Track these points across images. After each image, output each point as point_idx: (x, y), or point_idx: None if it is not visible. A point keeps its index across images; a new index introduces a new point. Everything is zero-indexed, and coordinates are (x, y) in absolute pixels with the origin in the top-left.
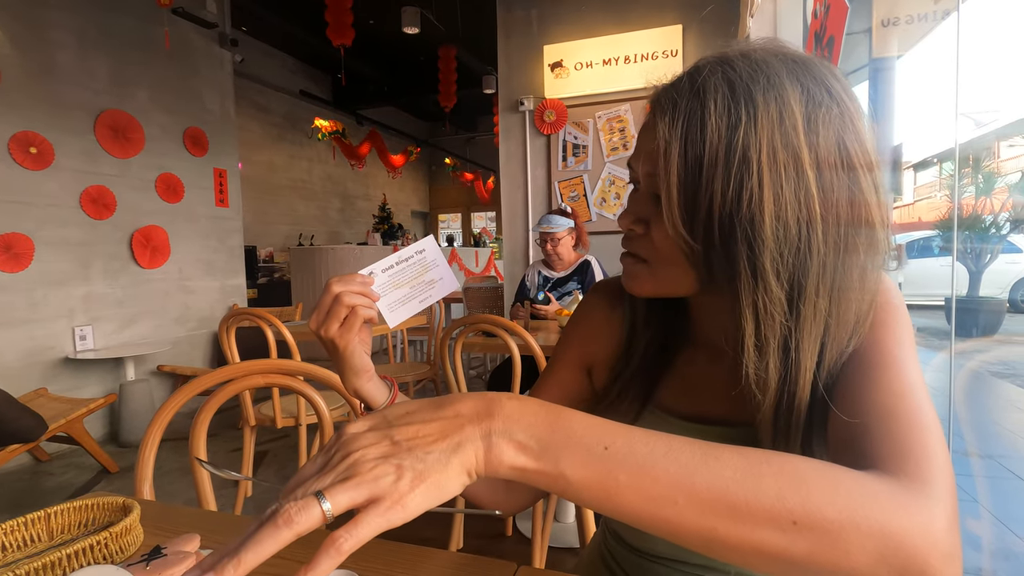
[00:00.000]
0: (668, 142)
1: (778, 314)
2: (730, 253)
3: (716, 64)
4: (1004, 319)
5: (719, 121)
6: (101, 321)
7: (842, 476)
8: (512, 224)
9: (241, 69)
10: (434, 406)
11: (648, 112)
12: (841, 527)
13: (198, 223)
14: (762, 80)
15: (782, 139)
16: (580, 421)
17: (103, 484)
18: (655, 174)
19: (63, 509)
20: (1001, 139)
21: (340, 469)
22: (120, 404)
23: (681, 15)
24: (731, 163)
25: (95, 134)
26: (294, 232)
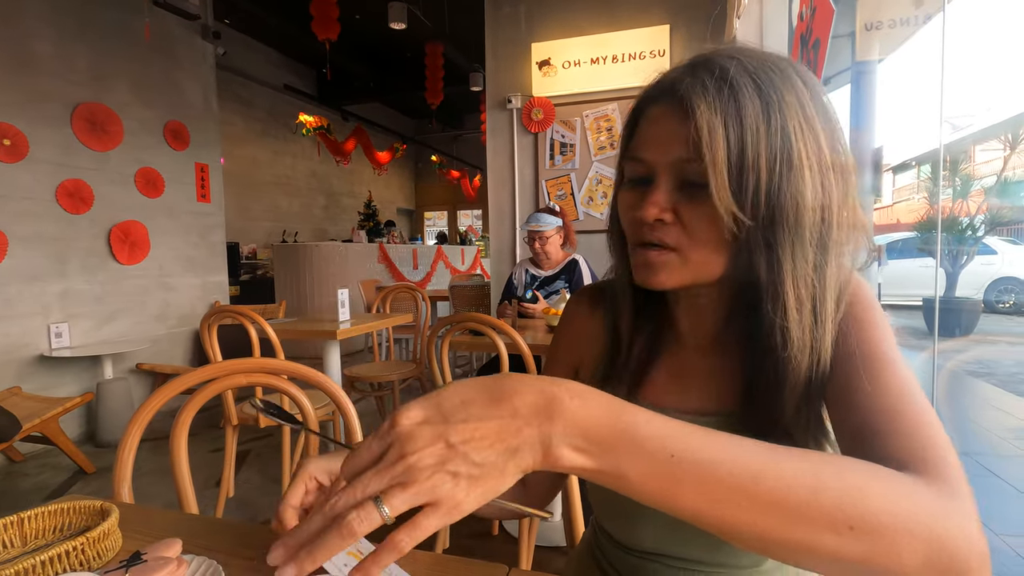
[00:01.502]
0: (711, 124)
1: (811, 274)
2: (776, 221)
3: (727, 56)
4: (980, 319)
5: (753, 102)
6: (78, 318)
7: (894, 481)
8: (499, 222)
9: (224, 62)
10: (490, 399)
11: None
12: (896, 532)
13: (179, 219)
14: (773, 71)
15: (805, 119)
16: (644, 423)
17: (79, 485)
18: (689, 159)
19: (38, 513)
20: (977, 143)
21: (397, 472)
22: (97, 403)
23: (668, 15)
24: (773, 140)
25: (72, 126)
26: (277, 229)
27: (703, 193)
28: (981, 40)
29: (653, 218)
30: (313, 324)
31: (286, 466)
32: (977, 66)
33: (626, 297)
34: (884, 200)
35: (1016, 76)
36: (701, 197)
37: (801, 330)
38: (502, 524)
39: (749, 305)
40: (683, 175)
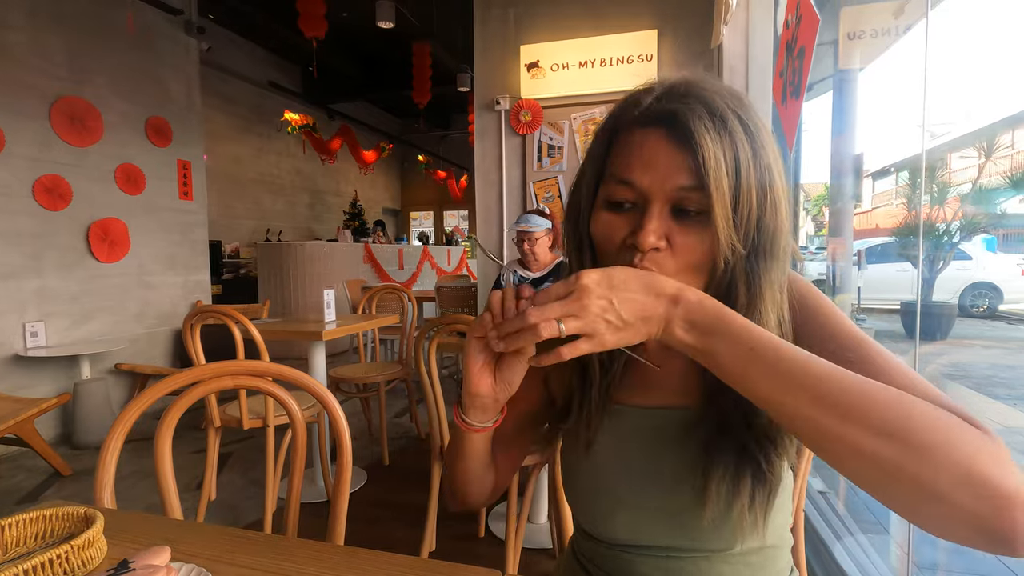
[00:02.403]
0: (716, 156)
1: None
2: (759, 249)
3: (711, 91)
4: (955, 323)
5: (743, 138)
6: (54, 317)
7: (940, 412)
8: (486, 223)
9: (207, 58)
10: (643, 285)
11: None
12: (931, 450)
13: (160, 216)
14: (749, 109)
15: (775, 155)
16: (737, 322)
17: (55, 488)
18: (693, 188)
19: (18, 520)
20: (953, 151)
21: (574, 308)
22: (74, 404)
23: (657, 20)
24: (760, 174)
25: (50, 120)
26: (261, 227)
27: (695, 220)
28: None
29: (651, 247)
30: (298, 325)
31: (269, 468)
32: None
33: None
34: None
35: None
36: (693, 224)
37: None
38: (488, 526)
39: None
40: (680, 203)
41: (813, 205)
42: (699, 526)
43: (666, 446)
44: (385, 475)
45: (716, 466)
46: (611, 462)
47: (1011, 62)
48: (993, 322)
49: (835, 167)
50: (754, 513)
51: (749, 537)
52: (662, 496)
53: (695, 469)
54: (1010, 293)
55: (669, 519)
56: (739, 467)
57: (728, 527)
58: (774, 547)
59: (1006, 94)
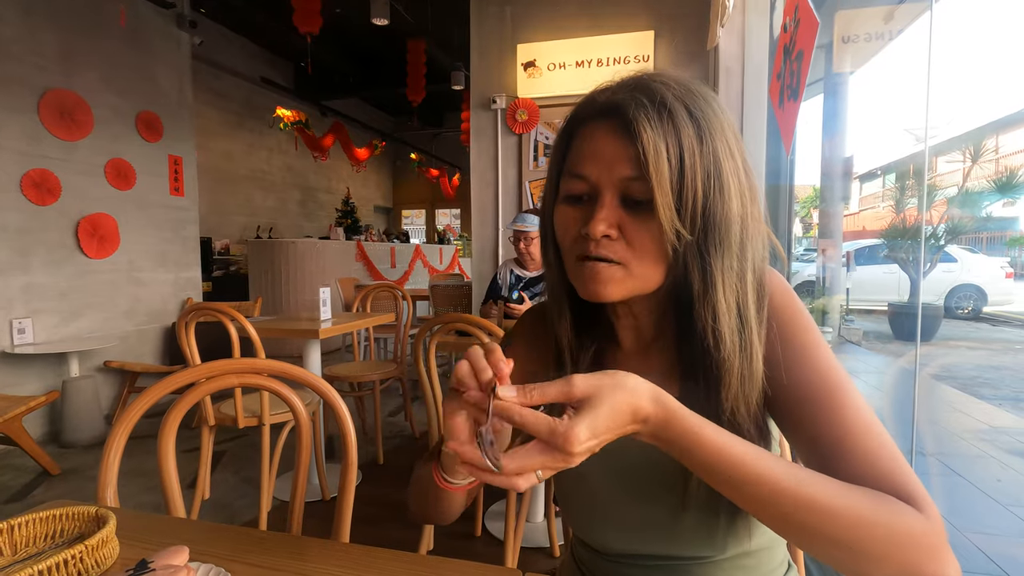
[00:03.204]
0: (656, 145)
1: (736, 281)
2: (708, 235)
3: (660, 82)
4: (941, 324)
5: (688, 127)
6: (42, 314)
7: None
8: (482, 223)
9: (198, 53)
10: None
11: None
12: (881, 557)
13: (151, 212)
14: (700, 98)
15: (727, 142)
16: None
17: (44, 487)
18: (636, 178)
19: (28, 520)
20: (939, 155)
21: (559, 466)
22: (63, 402)
23: (653, 21)
24: (706, 161)
25: (39, 114)
26: (251, 224)
27: (645, 209)
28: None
29: (601, 234)
30: (294, 323)
31: (265, 467)
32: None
33: (565, 315)
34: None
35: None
36: (643, 213)
37: (731, 332)
38: (485, 525)
39: (682, 310)
40: (627, 192)
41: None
42: (685, 535)
43: (648, 457)
44: (380, 474)
45: (693, 478)
46: (595, 474)
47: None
48: (977, 324)
49: (825, 169)
50: (735, 521)
51: (738, 541)
52: (647, 506)
53: (675, 480)
54: (994, 295)
55: (658, 530)
56: None
57: (716, 533)
58: (767, 548)
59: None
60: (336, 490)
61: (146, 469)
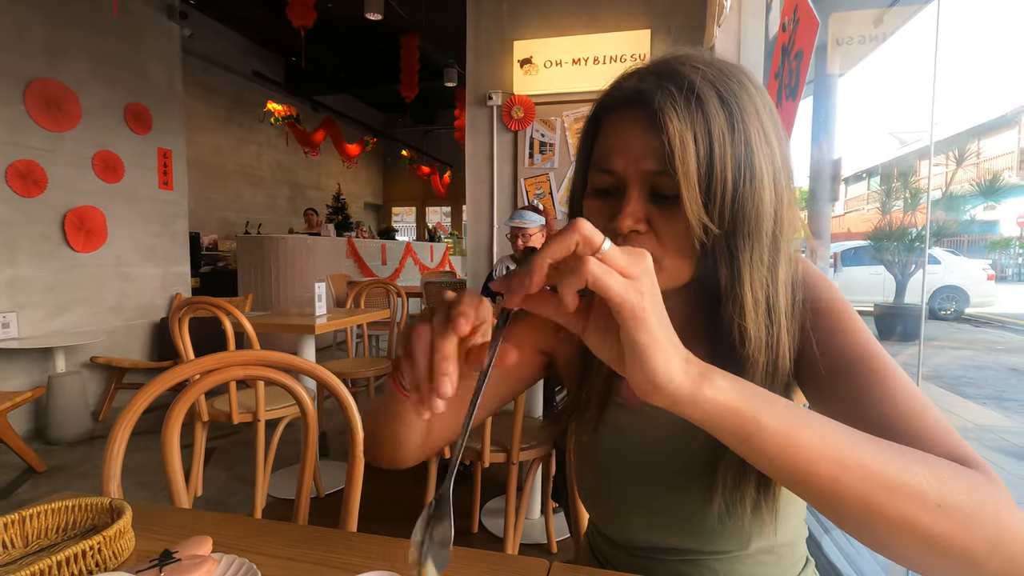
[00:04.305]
0: (683, 137)
1: (766, 275)
2: (738, 228)
3: (689, 66)
4: (925, 325)
5: (718, 114)
6: (27, 308)
7: (961, 471)
8: (477, 220)
9: (188, 46)
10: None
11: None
12: (972, 514)
13: (139, 205)
14: (732, 80)
15: (763, 128)
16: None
17: (29, 484)
18: (662, 171)
19: (40, 511)
20: (923, 158)
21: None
22: (48, 398)
23: (649, 20)
24: (737, 150)
25: (25, 104)
26: (240, 219)
27: (674, 204)
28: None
29: (629, 229)
30: (288, 318)
31: (259, 463)
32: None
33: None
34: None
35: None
36: (672, 207)
37: (757, 328)
38: (482, 522)
39: (710, 304)
40: (654, 186)
41: None
42: (710, 527)
43: (673, 445)
44: (375, 470)
45: (721, 466)
46: (620, 461)
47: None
48: (960, 324)
49: (814, 171)
50: (760, 513)
51: (763, 535)
52: (673, 496)
53: (702, 469)
54: (976, 297)
55: (682, 520)
56: (742, 466)
57: (740, 527)
58: (789, 544)
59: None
60: (330, 487)
61: (136, 465)
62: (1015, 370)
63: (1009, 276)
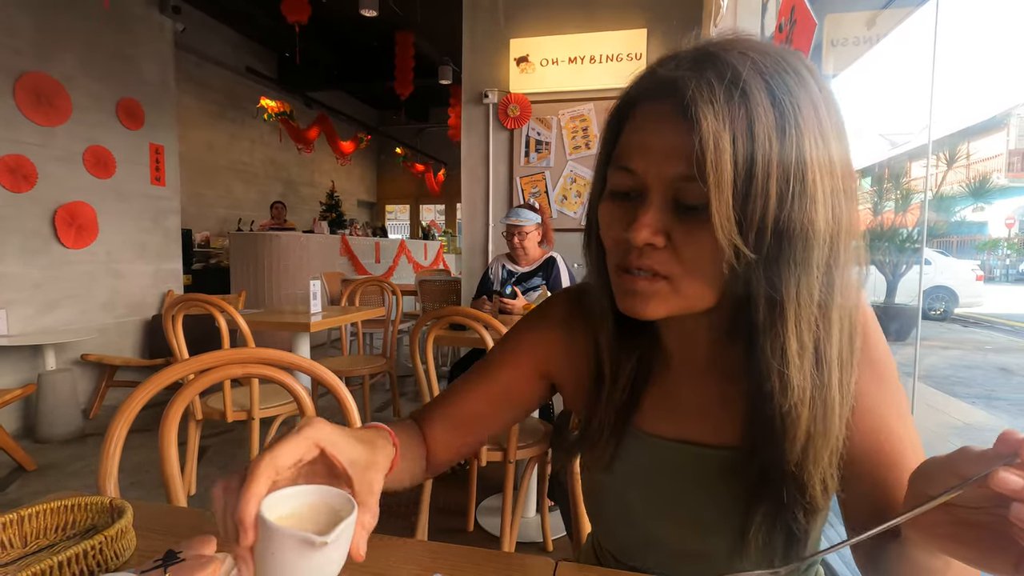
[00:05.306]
0: (718, 138)
1: (815, 313)
2: (781, 255)
3: (737, 52)
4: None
5: (766, 113)
6: (16, 304)
7: None
8: (472, 218)
9: (180, 41)
10: None
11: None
12: None
13: (131, 201)
14: (789, 73)
15: (821, 135)
16: None
17: (19, 483)
18: (688, 177)
19: (38, 511)
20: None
21: None
22: (38, 396)
23: (646, 19)
24: (785, 159)
25: (14, 98)
26: (232, 216)
27: (701, 216)
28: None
29: (643, 242)
30: (282, 316)
31: None
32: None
33: (607, 321)
34: None
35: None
36: (698, 220)
37: (802, 378)
38: (477, 520)
39: (741, 335)
40: (679, 194)
41: None
42: (734, 565)
43: (703, 488)
44: None
45: (753, 517)
46: (640, 496)
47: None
48: (950, 324)
49: None
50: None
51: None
52: (697, 540)
53: (731, 517)
54: (965, 297)
55: (703, 562)
56: (775, 519)
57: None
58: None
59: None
60: None
61: (128, 464)
62: (1004, 370)
63: (997, 277)
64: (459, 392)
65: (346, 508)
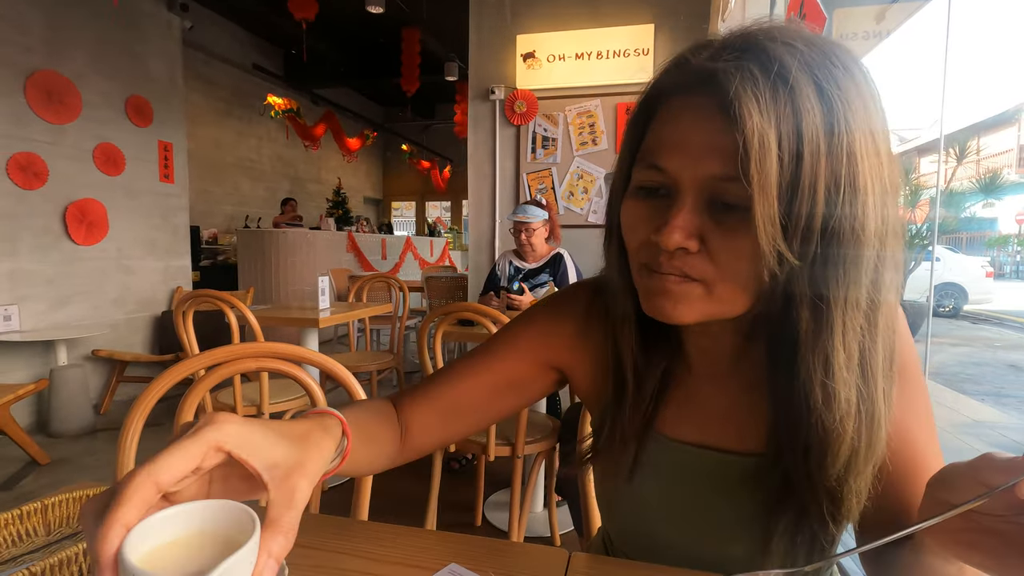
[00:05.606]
0: (763, 136)
1: (863, 322)
2: (828, 260)
3: (781, 42)
4: (923, 322)
5: (814, 110)
6: (29, 300)
7: None
8: (479, 214)
9: (188, 38)
10: None
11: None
12: None
13: (140, 198)
14: (837, 66)
15: (872, 133)
16: None
17: (32, 477)
18: (730, 177)
19: (62, 500)
20: (923, 155)
21: None
22: (50, 391)
23: (653, 14)
24: (834, 159)
25: (25, 95)
26: (239, 213)
27: (739, 217)
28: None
29: (675, 246)
30: (292, 311)
31: None
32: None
33: (629, 326)
34: None
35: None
36: (735, 222)
37: (848, 388)
38: (485, 515)
39: (777, 342)
40: (715, 194)
41: None
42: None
43: (724, 494)
44: None
45: (777, 525)
46: (660, 501)
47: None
48: (959, 321)
49: None
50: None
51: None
52: (716, 546)
53: (752, 524)
54: (974, 294)
55: (718, 568)
56: (799, 527)
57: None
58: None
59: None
60: (330, 483)
61: (140, 459)
62: (1013, 367)
63: (1007, 273)
64: (452, 376)
65: (246, 535)
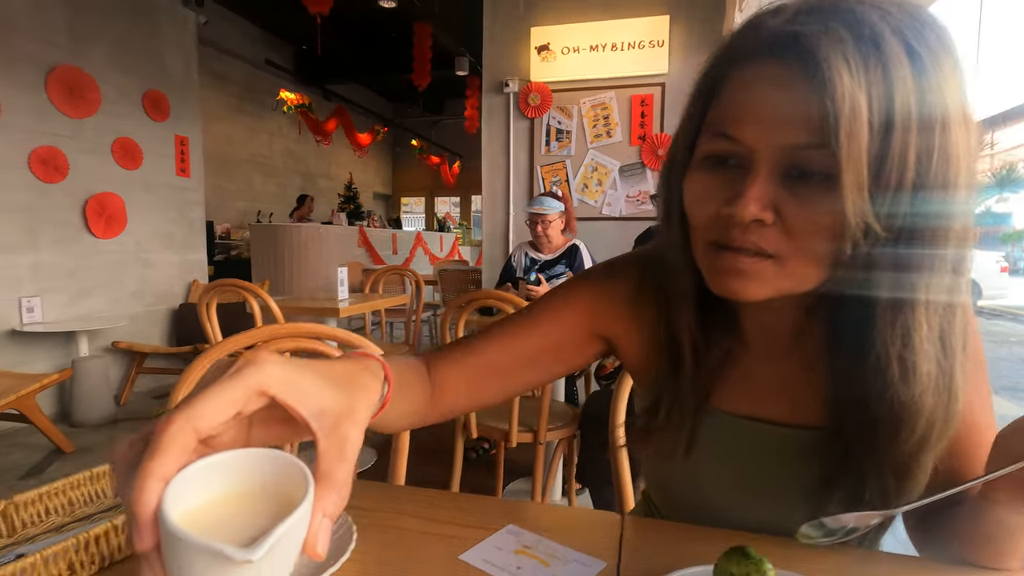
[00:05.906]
0: (855, 102)
1: (947, 295)
2: (915, 234)
3: (868, 4)
4: None
5: (906, 77)
6: (51, 292)
7: None
8: (493, 207)
9: (200, 34)
10: None
11: (767, 60)
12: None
13: (157, 192)
14: (929, 30)
15: (964, 103)
16: None
17: (57, 465)
18: (815, 145)
19: (87, 477)
20: None
21: None
22: (72, 381)
23: (668, 5)
24: (926, 129)
25: (47, 90)
26: (251, 209)
27: (817, 187)
28: None
29: (752, 218)
30: (313, 301)
31: None
32: None
33: (688, 304)
34: None
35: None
36: (816, 193)
37: (929, 363)
38: None
39: (844, 315)
40: (795, 163)
41: None
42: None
43: (780, 467)
44: None
45: (832, 498)
46: (714, 475)
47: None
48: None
49: None
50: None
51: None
52: (770, 518)
53: (808, 497)
54: (989, 289)
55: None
56: (852, 500)
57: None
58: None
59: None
60: None
61: None
62: None
63: (1022, 269)
64: (489, 339)
65: (298, 492)
